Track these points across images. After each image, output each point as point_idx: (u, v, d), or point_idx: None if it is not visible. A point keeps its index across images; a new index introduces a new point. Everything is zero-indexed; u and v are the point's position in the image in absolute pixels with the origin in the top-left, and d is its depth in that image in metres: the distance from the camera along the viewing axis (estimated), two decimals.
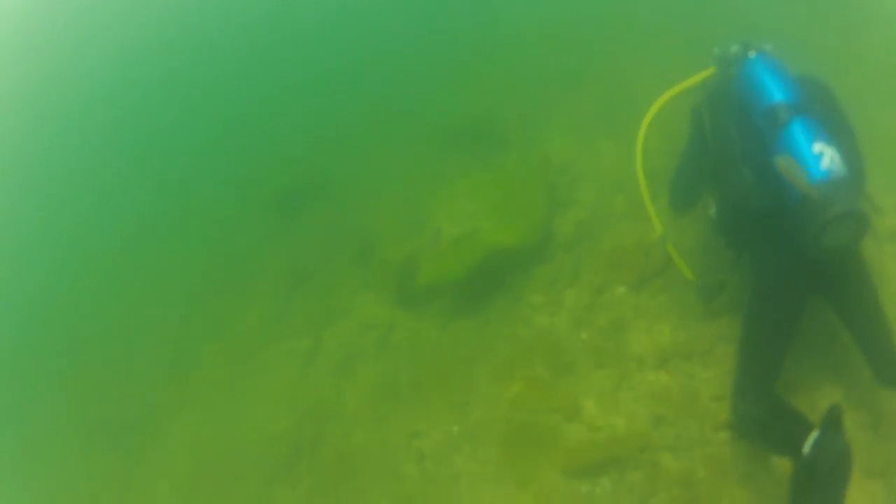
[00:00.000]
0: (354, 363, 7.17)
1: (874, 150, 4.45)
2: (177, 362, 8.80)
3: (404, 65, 12.10)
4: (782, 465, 4.21)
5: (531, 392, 5.87)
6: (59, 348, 10.54)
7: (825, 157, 3.66)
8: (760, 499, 4.36)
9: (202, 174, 12.46)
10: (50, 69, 21.18)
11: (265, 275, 9.34)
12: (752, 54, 4.45)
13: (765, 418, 3.86)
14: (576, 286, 6.48)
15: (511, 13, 11.92)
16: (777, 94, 4.03)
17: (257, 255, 9.86)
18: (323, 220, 9.65)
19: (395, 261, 7.43)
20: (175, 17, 18.46)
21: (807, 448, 3.36)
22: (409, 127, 10.54)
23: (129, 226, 12.25)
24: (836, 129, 4.00)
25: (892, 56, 6.92)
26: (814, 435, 3.39)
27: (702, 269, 5.43)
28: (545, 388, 5.84)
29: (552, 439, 5.49)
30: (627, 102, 7.36)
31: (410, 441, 6.06)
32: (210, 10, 17.13)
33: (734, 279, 5.16)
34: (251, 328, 8.53)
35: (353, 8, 14.49)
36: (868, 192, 4.24)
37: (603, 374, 5.73)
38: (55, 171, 15.90)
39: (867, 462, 4.15)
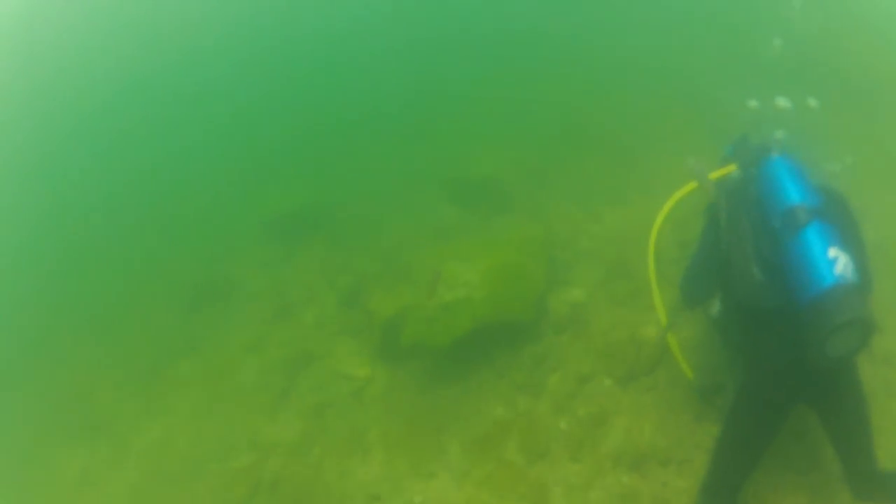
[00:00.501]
0: (325, 410, 6.88)
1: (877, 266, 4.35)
2: (154, 371, 8.51)
3: (421, 117, 12.02)
4: None
5: (500, 474, 5.59)
6: (36, 342, 10.24)
7: (839, 262, 3.54)
8: None
9: (213, 187, 12.30)
10: (49, 76, 21.07)
11: (254, 299, 9.10)
12: (774, 155, 4.31)
13: None
14: (561, 371, 6.25)
15: (528, 77, 12.00)
16: (796, 196, 3.91)
17: (249, 277, 9.62)
18: (319, 256, 9.41)
19: (383, 313, 7.12)
20: (199, 30, 18.18)
21: None
22: (418, 177, 10.34)
23: (126, 228, 12.13)
24: (850, 238, 3.90)
25: None
26: None
27: (698, 368, 5.31)
28: (515, 473, 5.57)
29: None
30: (639, 177, 7.46)
31: (370, 503, 5.70)
32: (237, 30, 16.90)
33: (730, 381, 5.04)
34: (230, 352, 8.24)
35: (377, 52, 14.58)
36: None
37: (576, 468, 5.47)
38: (50, 169, 15.76)
39: None
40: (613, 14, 12.69)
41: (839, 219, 4.01)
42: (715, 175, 4.74)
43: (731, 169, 4.69)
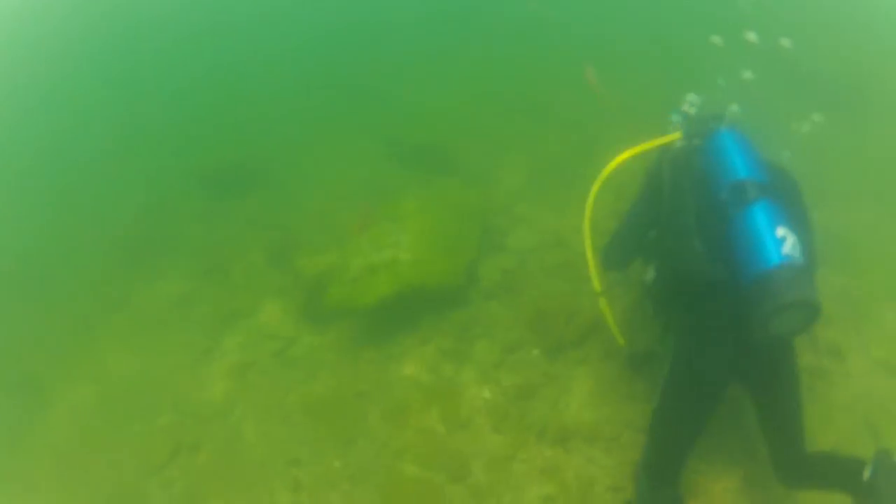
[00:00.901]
0: (248, 371, 6.51)
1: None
2: (86, 326, 7.97)
3: (371, 73, 11.61)
4: None
5: (420, 443, 5.32)
6: None
7: (787, 242, 3.44)
8: None
9: (151, 138, 11.76)
10: None
11: (186, 254, 8.64)
12: (722, 127, 4.17)
13: None
14: (488, 339, 5.98)
15: (487, 48, 11.74)
16: (745, 170, 3.78)
17: (183, 231, 9.12)
18: (250, 211, 8.97)
19: (309, 273, 6.82)
20: None
21: None
22: (365, 136, 9.96)
23: (61, 179, 11.40)
24: (799, 219, 3.79)
25: None
26: None
27: (630, 336, 5.07)
28: (436, 443, 5.29)
29: (434, 499, 4.93)
30: (586, 154, 7.04)
31: (289, 468, 5.44)
32: None
33: (662, 351, 4.64)
34: (159, 308, 7.81)
35: (332, 5, 14.16)
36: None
37: (499, 439, 5.21)
38: None
39: None
40: None
41: (788, 198, 3.88)
42: (658, 142, 4.54)
43: (676, 137, 4.48)
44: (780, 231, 3.47)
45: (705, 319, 3.82)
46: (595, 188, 4.67)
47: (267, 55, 13.32)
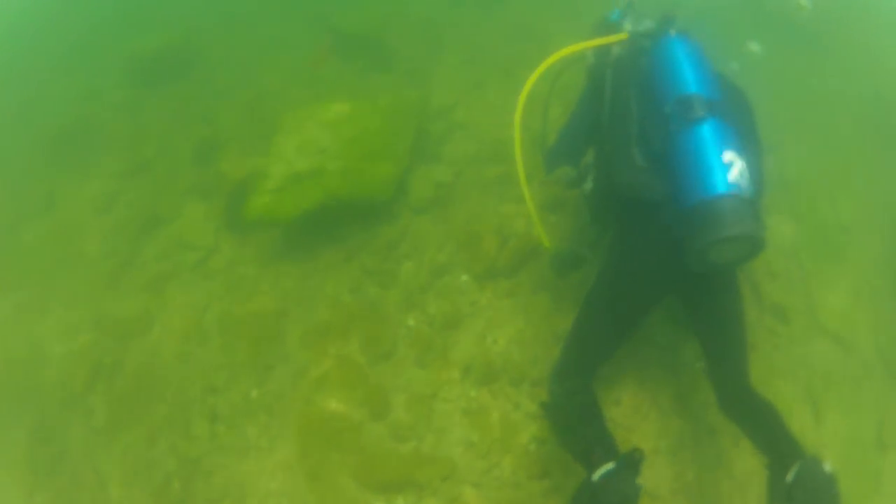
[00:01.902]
0: (167, 283, 5.89)
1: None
2: (8, 230, 7.24)
3: None
4: None
5: (340, 374, 4.77)
6: None
7: (734, 168, 3.09)
8: None
9: (77, 24, 10.66)
10: None
11: (111, 148, 7.79)
12: (672, 32, 3.67)
13: (573, 413, 3.45)
14: (416, 260, 5.37)
15: None
16: (694, 84, 3.37)
17: (108, 123, 8.26)
18: (179, 100, 8.11)
19: (232, 178, 6.14)
20: None
21: (597, 476, 2.92)
22: (302, 24, 8.95)
23: None
24: (748, 144, 3.39)
25: None
26: (608, 466, 2.94)
27: (561, 241, 4.91)
28: (356, 374, 4.76)
29: (352, 438, 4.45)
30: (533, 47, 6.32)
31: (206, 397, 4.94)
32: None
33: (591, 258, 4.41)
34: (81, 212, 7.07)
35: None
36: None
37: (421, 374, 4.70)
38: None
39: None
40: None
41: (739, 120, 3.48)
42: (601, 41, 3.99)
43: (622, 37, 3.94)
44: (728, 156, 3.12)
45: (640, 235, 3.52)
46: (528, 85, 4.05)
47: None
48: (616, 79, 3.76)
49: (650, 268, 3.49)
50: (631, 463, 2.96)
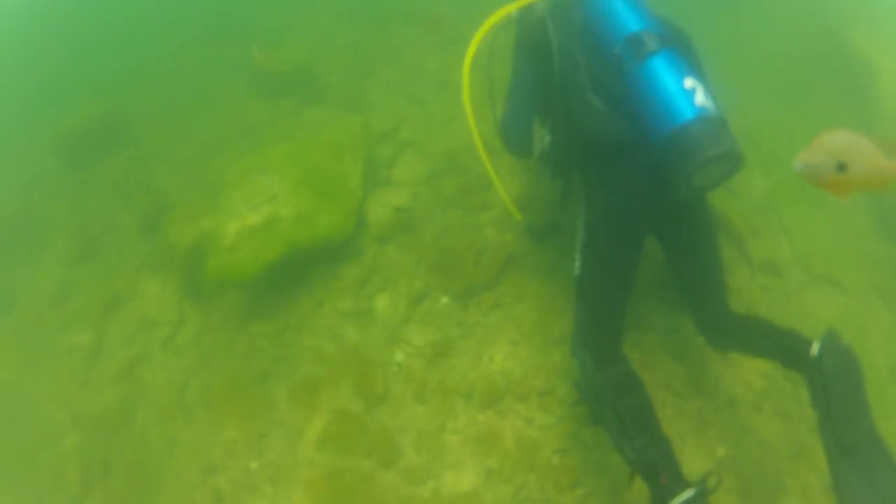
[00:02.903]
0: (139, 367, 5.36)
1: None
2: None
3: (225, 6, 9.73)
4: None
5: (339, 428, 4.33)
6: None
7: (698, 93, 2.97)
8: None
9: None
10: None
11: (57, 235, 7.23)
12: None
13: (613, 395, 3.18)
14: (390, 291, 4.92)
15: None
16: (639, 22, 3.23)
17: (49, 208, 7.68)
18: (117, 173, 7.55)
19: (182, 244, 5.67)
20: None
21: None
22: (225, 72, 8.42)
23: None
24: (702, 70, 3.35)
25: None
26: (686, 496, 2.79)
27: (531, 208, 4.61)
28: (356, 424, 4.32)
29: (366, 491, 4.01)
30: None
31: (206, 477, 4.46)
32: None
33: (562, 220, 4.21)
34: (39, 305, 6.52)
35: None
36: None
37: (423, 410, 4.29)
38: None
39: None
40: None
41: (686, 50, 3.38)
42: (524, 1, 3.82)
43: None
44: (688, 82, 3.00)
45: (614, 179, 3.36)
46: (467, 59, 3.94)
47: None
48: (558, 33, 3.54)
49: (631, 207, 3.35)
50: (708, 491, 2.82)
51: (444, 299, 4.75)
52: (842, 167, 2.76)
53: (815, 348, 2.92)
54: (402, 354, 4.56)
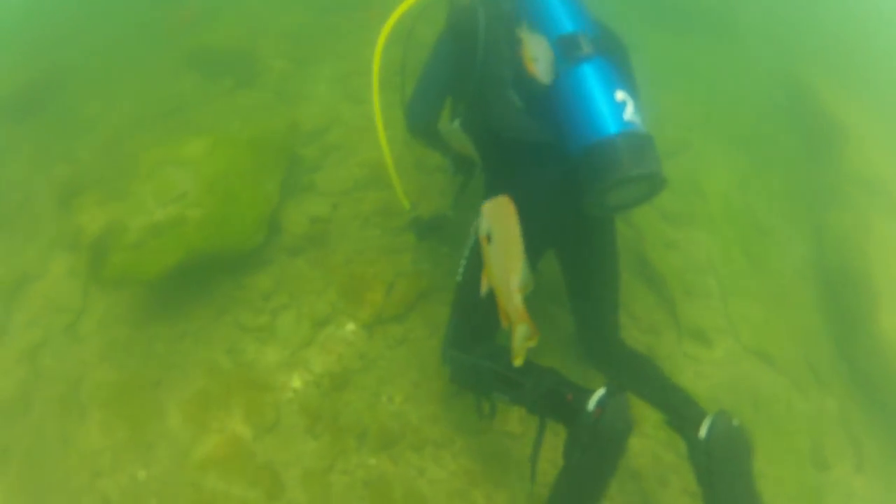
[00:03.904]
0: (40, 352, 4.91)
1: None
2: None
3: None
4: None
5: (225, 452, 3.94)
6: None
7: (627, 107, 2.79)
8: None
9: None
10: None
11: None
12: None
13: (486, 357, 3.02)
14: (295, 309, 4.49)
15: None
16: (574, 22, 3.01)
17: None
18: (39, 143, 6.93)
19: (90, 229, 5.20)
20: None
21: (591, 404, 2.66)
22: (160, 45, 7.76)
23: None
24: (634, 85, 3.14)
25: None
26: (599, 393, 2.67)
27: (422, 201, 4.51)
28: (242, 451, 3.93)
29: None
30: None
31: (94, 480, 4.05)
32: None
33: (452, 217, 3.99)
34: None
35: None
36: None
37: (314, 445, 3.90)
38: None
39: None
40: None
41: (619, 59, 3.15)
42: None
43: None
44: (620, 94, 2.81)
45: (521, 181, 3.11)
46: (382, 35, 3.73)
47: None
48: (487, 22, 3.26)
49: (534, 215, 2.86)
50: (619, 387, 2.72)
51: (350, 326, 4.37)
52: (489, 237, 2.37)
53: (703, 430, 2.75)
54: (299, 381, 4.18)
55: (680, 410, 2.97)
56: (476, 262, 3.17)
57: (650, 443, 3.95)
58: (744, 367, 4.52)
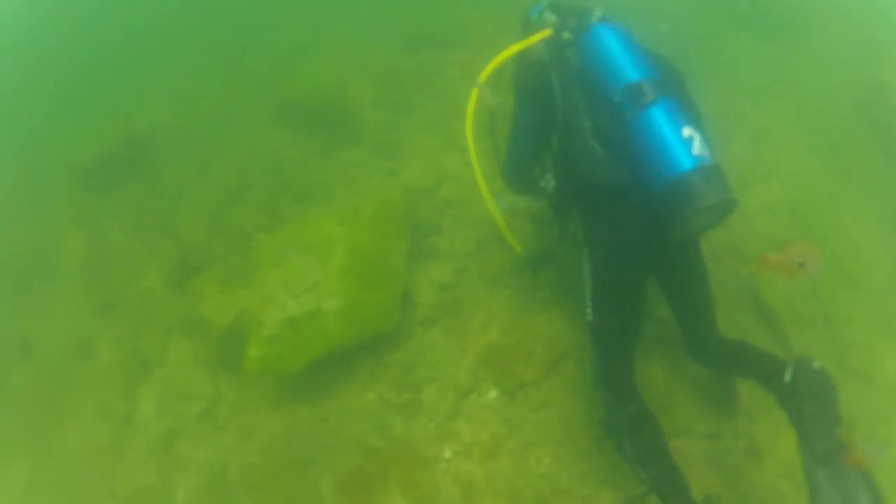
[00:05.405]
0: (176, 441, 6.26)
1: None
2: None
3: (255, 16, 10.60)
4: None
5: None
6: None
7: (695, 141, 3.81)
8: None
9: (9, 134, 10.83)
10: None
11: (71, 278, 8.27)
12: (594, 21, 4.45)
13: (631, 429, 4.20)
14: (437, 382, 5.75)
15: None
16: (636, 71, 4.07)
17: (60, 246, 8.71)
18: (136, 210, 8.58)
19: (218, 321, 6.48)
20: None
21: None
22: (247, 99, 9.34)
23: None
24: (696, 113, 4.24)
25: None
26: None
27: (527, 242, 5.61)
28: None
29: None
30: None
31: None
32: None
33: (561, 252, 5.46)
34: (61, 357, 7.47)
35: None
36: None
37: None
38: None
39: None
40: None
41: (679, 91, 4.26)
42: (529, 41, 4.71)
43: (546, 34, 4.67)
44: (686, 131, 3.81)
45: (614, 220, 4.26)
46: (470, 107, 5.06)
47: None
48: (560, 76, 4.38)
49: (633, 246, 4.22)
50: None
51: (493, 393, 5.59)
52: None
53: (787, 375, 3.91)
54: (450, 451, 5.38)
55: (767, 369, 4.08)
56: (600, 301, 4.37)
57: (768, 476, 4.97)
58: (848, 389, 5.60)
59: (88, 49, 11.59)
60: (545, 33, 4.65)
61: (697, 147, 3.79)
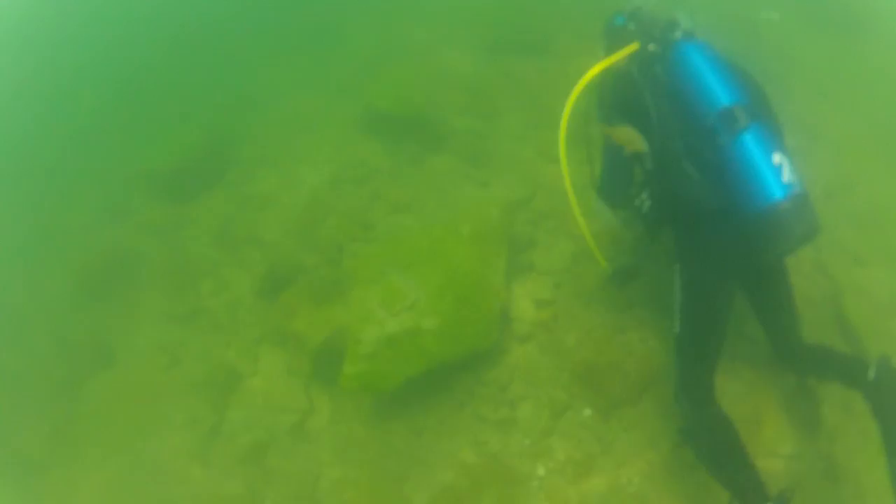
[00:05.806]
0: (265, 453, 6.66)
1: None
2: (64, 393, 8.01)
3: (329, 22, 11.27)
4: None
5: None
6: None
7: (785, 169, 4.18)
8: None
9: (78, 149, 11.57)
10: None
11: (153, 284, 8.81)
12: (678, 35, 4.77)
13: (713, 435, 4.56)
14: (533, 399, 6.10)
15: None
16: (727, 94, 4.41)
17: (141, 252, 9.32)
18: (219, 219, 9.11)
19: (313, 338, 6.94)
20: None
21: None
22: (332, 105, 9.88)
23: None
24: (780, 132, 4.60)
25: None
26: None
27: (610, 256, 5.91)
28: None
29: None
30: None
31: None
32: None
33: (648, 266, 5.76)
34: (144, 366, 7.96)
35: None
36: None
37: None
38: None
39: None
40: None
41: (766, 112, 4.59)
42: (618, 56, 4.95)
43: (633, 48, 4.93)
44: (776, 157, 4.18)
45: (706, 240, 4.63)
46: (563, 122, 5.19)
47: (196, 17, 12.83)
48: (652, 94, 4.64)
49: (724, 265, 4.60)
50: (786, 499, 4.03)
51: (587, 412, 5.92)
52: None
53: (871, 373, 4.24)
54: (543, 469, 5.73)
55: (852, 369, 4.41)
56: (689, 316, 4.69)
57: (849, 487, 5.11)
58: None
59: (167, 54, 12.33)
60: (633, 47, 4.91)
61: (787, 174, 4.15)
